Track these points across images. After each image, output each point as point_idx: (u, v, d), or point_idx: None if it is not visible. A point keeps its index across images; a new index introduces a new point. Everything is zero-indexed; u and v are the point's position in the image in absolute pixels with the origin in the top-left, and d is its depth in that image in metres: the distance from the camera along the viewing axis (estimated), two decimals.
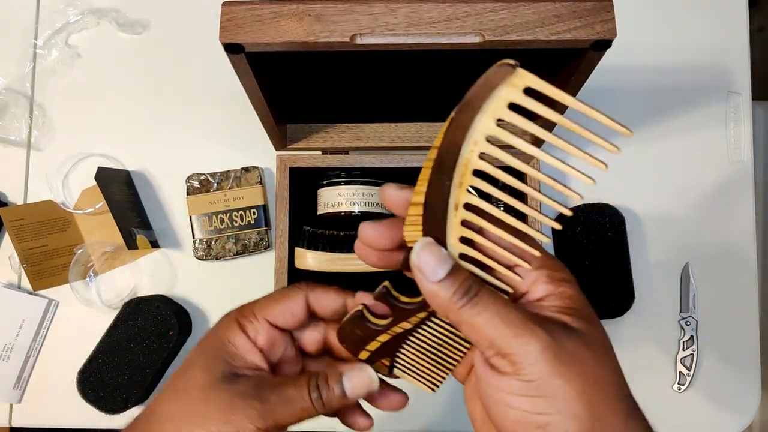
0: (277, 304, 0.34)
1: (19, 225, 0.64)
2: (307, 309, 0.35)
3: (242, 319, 0.34)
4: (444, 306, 0.29)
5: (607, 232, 0.63)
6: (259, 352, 0.34)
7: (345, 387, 0.33)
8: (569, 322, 0.29)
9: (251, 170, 0.66)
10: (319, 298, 0.35)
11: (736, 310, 0.66)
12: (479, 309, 0.28)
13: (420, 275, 0.30)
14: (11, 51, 0.70)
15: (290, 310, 0.34)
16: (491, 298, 0.29)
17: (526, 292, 0.31)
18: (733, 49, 0.69)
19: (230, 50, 0.39)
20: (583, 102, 0.29)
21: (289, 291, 0.35)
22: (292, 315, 0.34)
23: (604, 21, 0.39)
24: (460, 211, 0.31)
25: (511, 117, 0.29)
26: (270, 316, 0.34)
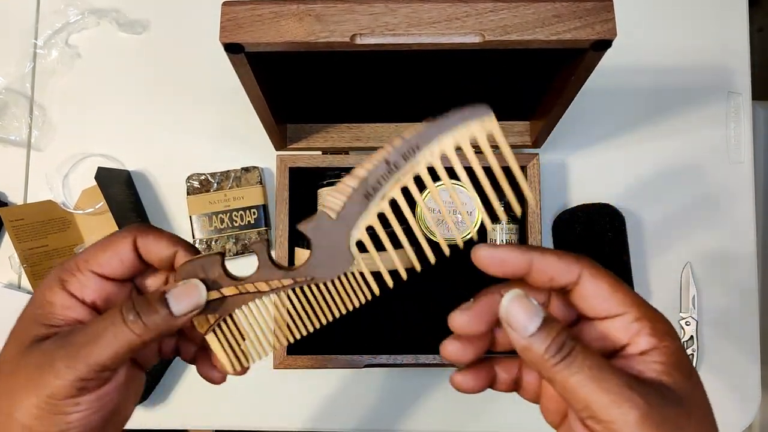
0: (103, 252, 0.31)
1: (19, 225, 0.64)
2: (137, 254, 0.32)
3: (64, 274, 0.31)
4: (536, 362, 0.27)
5: (607, 232, 0.63)
6: (89, 307, 0.31)
7: (170, 304, 0.30)
8: (670, 383, 0.27)
9: (251, 170, 0.66)
10: (148, 243, 0.32)
11: (736, 310, 0.66)
12: (574, 369, 0.26)
13: (509, 330, 0.28)
14: (11, 51, 0.70)
15: (118, 257, 0.31)
16: (587, 357, 0.27)
17: (626, 344, 0.29)
18: (733, 49, 0.69)
19: (230, 50, 0.39)
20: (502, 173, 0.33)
21: (114, 236, 0.32)
22: (120, 262, 0.32)
23: (604, 21, 0.39)
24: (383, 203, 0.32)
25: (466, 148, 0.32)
26: (96, 266, 0.31)
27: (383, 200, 0.32)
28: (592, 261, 0.30)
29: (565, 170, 0.68)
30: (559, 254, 0.30)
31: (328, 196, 0.32)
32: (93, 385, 0.29)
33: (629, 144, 0.68)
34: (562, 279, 0.29)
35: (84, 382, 0.28)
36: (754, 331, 0.66)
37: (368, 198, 0.32)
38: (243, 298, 0.33)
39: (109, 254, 0.32)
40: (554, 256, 0.30)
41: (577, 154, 0.68)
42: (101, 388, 0.29)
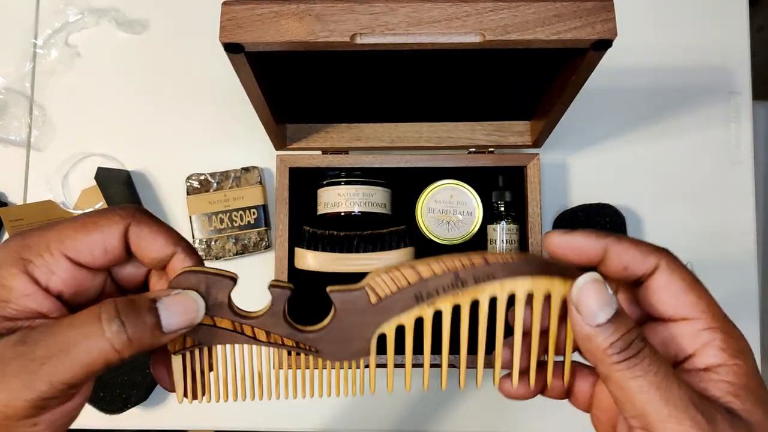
0: (84, 233, 0.25)
1: (19, 225, 0.64)
2: (125, 244, 0.26)
3: (27, 254, 0.24)
4: (596, 355, 0.25)
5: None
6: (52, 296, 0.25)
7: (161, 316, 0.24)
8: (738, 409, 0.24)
9: (251, 170, 0.66)
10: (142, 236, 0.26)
11: (736, 311, 0.66)
12: (637, 372, 0.24)
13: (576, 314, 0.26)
14: (11, 51, 0.70)
15: (102, 243, 0.25)
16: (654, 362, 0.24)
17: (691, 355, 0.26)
18: (733, 49, 0.69)
19: (230, 50, 0.39)
20: None
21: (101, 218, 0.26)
22: (103, 250, 0.26)
23: (604, 21, 0.39)
24: (429, 310, 0.29)
25: (537, 300, 0.29)
26: (71, 250, 0.25)
27: (430, 307, 0.29)
28: (673, 254, 0.27)
29: (565, 170, 0.68)
30: (636, 242, 0.27)
31: (378, 277, 0.29)
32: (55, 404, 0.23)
33: (629, 144, 0.68)
34: (637, 268, 0.27)
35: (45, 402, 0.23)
36: (754, 331, 0.66)
37: (417, 300, 0.29)
38: (233, 337, 0.28)
39: (93, 238, 0.25)
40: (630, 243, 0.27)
41: (577, 154, 0.68)
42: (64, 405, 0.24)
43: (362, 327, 0.30)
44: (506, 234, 0.61)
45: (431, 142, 0.62)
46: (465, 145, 0.62)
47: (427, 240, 0.62)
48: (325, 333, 0.29)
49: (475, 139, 0.62)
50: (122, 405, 0.61)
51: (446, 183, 0.62)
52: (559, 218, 0.65)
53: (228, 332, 0.28)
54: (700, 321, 0.26)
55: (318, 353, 0.29)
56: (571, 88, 0.46)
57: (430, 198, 0.62)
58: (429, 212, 0.62)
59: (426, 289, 0.29)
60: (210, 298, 0.28)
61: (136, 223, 0.26)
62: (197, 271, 0.27)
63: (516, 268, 0.29)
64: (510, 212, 0.62)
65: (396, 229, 0.62)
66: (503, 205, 0.62)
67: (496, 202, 0.63)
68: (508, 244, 0.61)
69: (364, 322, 0.30)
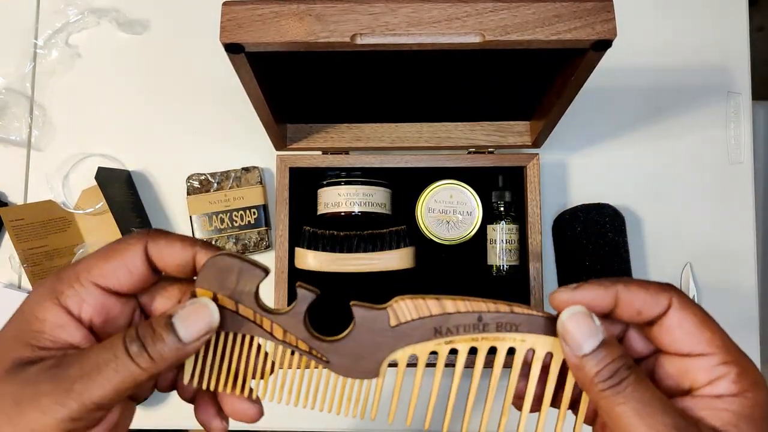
0: (108, 261, 0.27)
1: (20, 225, 0.64)
2: (149, 263, 0.28)
3: (59, 285, 0.26)
4: (585, 383, 0.26)
5: (607, 232, 0.63)
6: (85, 327, 0.26)
7: (177, 330, 0.26)
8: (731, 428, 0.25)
9: (251, 170, 0.66)
10: (161, 248, 0.27)
11: (736, 311, 0.66)
12: (620, 399, 0.25)
13: (564, 345, 0.27)
14: (11, 51, 0.70)
15: (125, 266, 0.27)
16: (639, 389, 0.25)
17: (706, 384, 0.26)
18: (733, 49, 0.69)
19: (231, 50, 0.39)
20: None
21: (122, 243, 0.27)
22: (128, 273, 0.27)
23: (604, 21, 0.39)
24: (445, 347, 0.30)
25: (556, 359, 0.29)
26: (99, 277, 0.27)
27: (447, 344, 0.29)
28: (681, 291, 0.28)
29: (565, 170, 0.68)
30: (645, 285, 0.28)
31: (403, 301, 0.29)
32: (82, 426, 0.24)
33: (629, 144, 0.68)
34: (650, 312, 0.27)
35: (74, 423, 0.24)
36: (754, 331, 0.66)
37: (436, 333, 0.29)
38: (250, 327, 0.29)
39: (116, 263, 0.27)
40: (639, 287, 0.27)
41: (577, 154, 0.68)
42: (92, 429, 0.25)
43: (377, 348, 0.30)
44: (506, 234, 0.61)
45: (431, 143, 0.62)
46: (465, 146, 0.62)
47: (427, 240, 0.62)
48: (339, 345, 0.29)
49: (474, 139, 0.62)
50: None
51: (446, 183, 0.62)
52: (559, 218, 0.65)
53: (247, 321, 0.29)
54: (716, 356, 0.26)
55: (328, 364, 0.29)
56: (570, 88, 0.46)
57: (430, 198, 0.62)
58: (429, 212, 0.62)
59: (447, 325, 0.29)
60: (239, 284, 0.28)
61: (152, 239, 0.28)
62: (234, 255, 0.28)
63: (541, 325, 0.29)
64: (510, 212, 0.62)
65: (396, 229, 0.62)
66: (503, 205, 0.62)
67: (495, 202, 0.63)
68: (507, 244, 0.61)
69: (380, 344, 0.30)
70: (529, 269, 0.61)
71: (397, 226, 0.62)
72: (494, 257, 0.62)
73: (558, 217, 0.66)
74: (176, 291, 0.30)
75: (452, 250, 0.64)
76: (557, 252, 0.66)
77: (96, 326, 0.27)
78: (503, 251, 0.61)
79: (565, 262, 0.64)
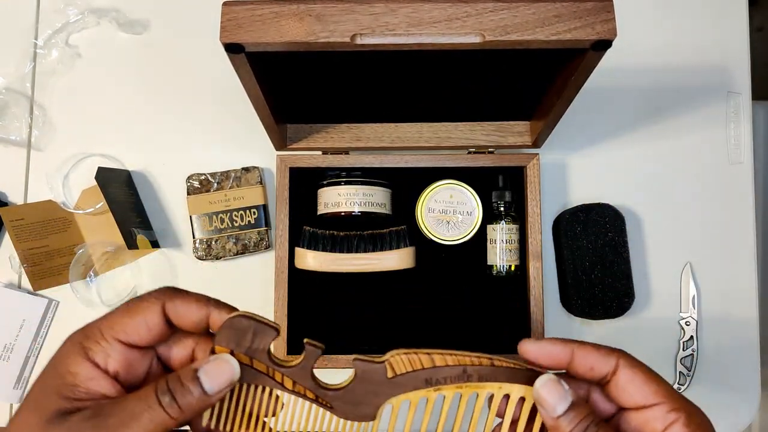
0: (129, 318, 0.30)
1: (20, 225, 0.64)
2: (165, 320, 0.31)
3: (87, 342, 0.30)
4: None
5: (608, 232, 0.63)
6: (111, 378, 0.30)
7: (203, 383, 0.29)
8: None
9: (251, 170, 0.66)
10: (177, 307, 0.31)
11: (736, 310, 0.66)
12: None
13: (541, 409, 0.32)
14: (11, 51, 0.70)
15: (145, 323, 0.30)
16: None
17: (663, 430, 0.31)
18: (733, 49, 0.69)
19: (231, 50, 0.39)
20: None
21: (141, 302, 0.31)
22: (147, 329, 0.31)
23: (604, 21, 0.39)
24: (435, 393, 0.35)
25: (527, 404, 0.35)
26: (121, 333, 0.30)
27: (436, 392, 0.35)
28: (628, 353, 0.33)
29: (565, 170, 0.68)
30: (597, 346, 0.33)
31: (399, 356, 0.34)
32: None
33: (629, 144, 0.68)
34: (601, 368, 0.32)
35: None
36: (753, 331, 0.66)
37: (427, 383, 0.35)
38: (264, 379, 0.33)
39: (137, 321, 0.30)
40: (592, 347, 0.33)
41: (577, 154, 0.68)
42: None
43: (375, 395, 0.34)
44: (506, 234, 0.61)
45: (431, 143, 0.62)
46: (465, 146, 0.62)
47: (427, 240, 0.63)
48: (342, 394, 0.34)
49: (474, 139, 0.62)
50: None
51: (446, 183, 0.62)
52: (559, 218, 0.65)
53: (261, 374, 0.33)
54: (666, 404, 0.31)
55: (332, 409, 0.34)
56: (570, 88, 0.46)
57: (430, 198, 0.62)
58: (429, 212, 0.62)
59: (436, 376, 0.35)
60: (254, 342, 0.32)
61: (170, 299, 0.31)
62: (249, 316, 0.32)
63: (516, 376, 0.34)
64: (510, 212, 0.62)
65: (396, 229, 0.62)
66: (503, 205, 0.62)
67: (495, 202, 0.63)
68: (507, 244, 0.61)
69: (378, 392, 0.34)
70: (529, 269, 0.61)
71: (397, 226, 0.62)
72: (494, 257, 0.62)
73: (558, 217, 0.66)
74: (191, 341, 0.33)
75: (452, 250, 0.64)
76: (557, 252, 0.66)
77: (120, 376, 0.30)
78: (503, 251, 0.61)
79: (565, 262, 0.64)
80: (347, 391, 0.34)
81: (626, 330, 0.65)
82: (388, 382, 0.34)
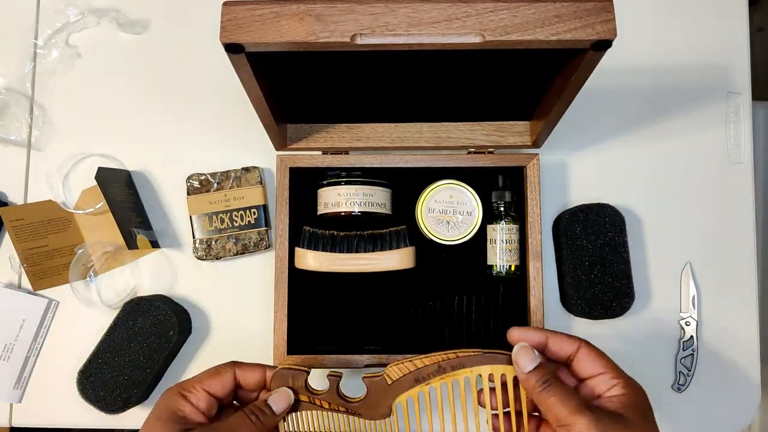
0: (212, 379, 0.46)
1: (20, 225, 0.64)
2: (235, 381, 0.48)
3: (185, 392, 0.45)
4: (530, 389, 0.44)
5: (607, 232, 0.63)
6: (202, 413, 0.45)
7: (272, 407, 0.46)
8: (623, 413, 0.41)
9: (251, 170, 0.66)
10: (245, 374, 0.48)
11: (736, 310, 0.66)
12: (550, 393, 0.43)
13: (516, 366, 0.45)
14: (11, 51, 0.70)
15: (222, 384, 0.47)
16: (559, 386, 0.43)
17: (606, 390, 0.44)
18: (733, 49, 0.69)
19: (231, 50, 0.39)
20: None
21: (220, 369, 0.47)
22: (223, 387, 0.47)
23: (604, 21, 0.39)
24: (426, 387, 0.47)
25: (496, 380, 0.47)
26: (207, 387, 0.46)
27: (426, 386, 0.47)
28: (589, 342, 0.46)
29: (565, 170, 0.68)
30: (565, 334, 0.47)
31: (392, 368, 0.48)
32: None
33: (629, 144, 0.68)
34: (568, 349, 0.46)
35: None
36: (753, 331, 0.66)
37: (417, 381, 0.48)
38: (309, 406, 0.48)
39: (217, 380, 0.47)
40: (562, 334, 0.46)
41: (577, 154, 0.68)
42: None
43: (384, 399, 0.48)
44: (506, 234, 0.61)
45: (431, 143, 0.62)
46: (465, 146, 0.62)
47: (427, 240, 0.63)
48: (362, 404, 0.48)
49: (474, 139, 0.62)
50: (123, 405, 0.61)
51: (446, 183, 0.62)
52: (559, 218, 0.65)
53: (306, 403, 0.48)
54: (609, 374, 0.44)
55: (360, 415, 0.48)
56: (570, 88, 0.46)
57: (430, 198, 0.62)
58: (429, 212, 0.62)
59: (421, 375, 0.47)
60: (294, 382, 0.48)
61: (239, 368, 0.48)
62: (288, 368, 0.48)
63: (478, 359, 0.47)
64: (510, 212, 0.62)
65: (396, 229, 0.62)
66: (503, 205, 0.62)
67: (495, 202, 0.63)
68: (507, 244, 0.61)
69: (386, 396, 0.48)
70: (528, 269, 0.61)
71: (397, 226, 0.62)
72: (494, 257, 0.62)
73: (558, 217, 0.66)
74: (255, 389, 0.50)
75: (452, 250, 0.64)
76: (557, 252, 0.66)
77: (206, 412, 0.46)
78: (503, 251, 0.61)
79: (565, 262, 0.64)
80: (365, 401, 0.48)
81: (626, 330, 0.65)
82: (390, 387, 0.48)
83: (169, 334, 0.62)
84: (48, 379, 0.66)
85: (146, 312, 0.62)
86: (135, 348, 0.62)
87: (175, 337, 0.61)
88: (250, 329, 0.65)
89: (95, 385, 0.61)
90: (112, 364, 0.61)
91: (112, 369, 0.61)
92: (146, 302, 0.62)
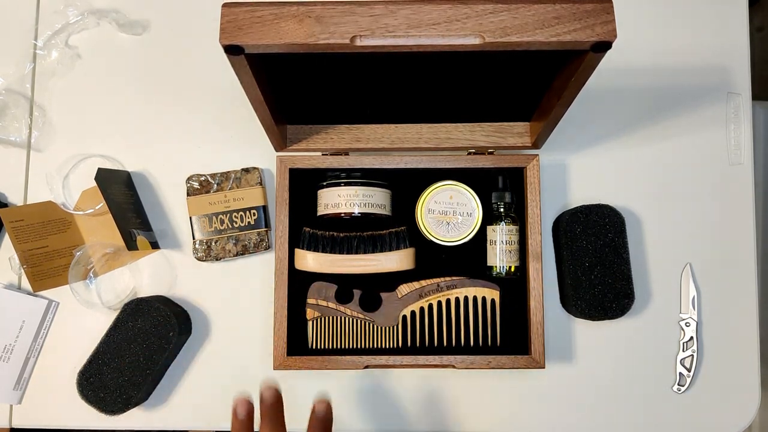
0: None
1: (19, 226, 0.64)
2: None
3: None
4: None
5: (607, 233, 0.63)
6: None
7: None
8: None
9: (251, 171, 0.66)
10: None
11: (736, 311, 0.66)
12: None
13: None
14: (11, 51, 0.70)
15: None
16: None
17: None
18: (733, 49, 0.69)
19: (230, 52, 0.39)
20: None
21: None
22: None
23: (604, 23, 0.39)
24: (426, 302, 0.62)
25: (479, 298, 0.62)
26: None
27: (427, 301, 0.61)
28: None
29: (565, 170, 0.68)
30: None
31: (402, 286, 0.62)
32: None
33: (629, 144, 0.68)
34: None
35: None
36: (753, 331, 0.66)
37: (420, 297, 0.62)
38: (335, 312, 0.62)
39: None
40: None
41: (577, 154, 0.68)
42: None
43: (395, 309, 0.62)
44: (506, 235, 0.61)
45: (431, 144, 0.62)
46: (465, 146, 0.62)
47: (427, 241, 0.62)
48: (378, 314, 0.62)
49: (474, 140, 0.62)
50: (123, 405, 0.61)
51: (446, 184, 0.62)
52: (559, 218, 0.65)
53: (333, 309, 0.61)
54: None
55: (374, 321, 0.62)
56: (570, 89, 0.46)
57: (429, 199, 0.62)
58: (429, 213, 0.62)
59: (424, 291, 0.62)
60: (326, 293, 0.62)
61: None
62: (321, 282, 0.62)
63: (468, 282, 0.62)
64: (509, 213, 0.62)
65: (396, 230, 0.62)
66: (503, 206, 0.62)
67: (495, 203, 0.63)
68: (507, 245, 0.61)
69: (396, 307, 0.62)
70: (528, 270, 0.61)
71: (397, 227, 0.62)
72: (494, 258, 0.62)
73: (558, 218, 0.66)
74: None
75: (452, 251, 0.64)
76: (557, 253, 0.66)
77: None
78: (503, 252, 0.61)
79: (565, 263, 0.64)
80: (380, 311, 0.62)
81: (626, 331, 0.65)
82: (400, 300, 0.62)
83: (169, 335, 0.62)
84: (48, 380, 0.66)
85: (146, 313, 0.62)
86: (135, 349, 0.62)
87: (174, 338, 0.61)
88: (249, 330, 0.65)
89: (95, 386, 0.61)
90: (111, 365, 0.61)
91: (112, 370, 0.61)
92: (146, 303, 0.62)
